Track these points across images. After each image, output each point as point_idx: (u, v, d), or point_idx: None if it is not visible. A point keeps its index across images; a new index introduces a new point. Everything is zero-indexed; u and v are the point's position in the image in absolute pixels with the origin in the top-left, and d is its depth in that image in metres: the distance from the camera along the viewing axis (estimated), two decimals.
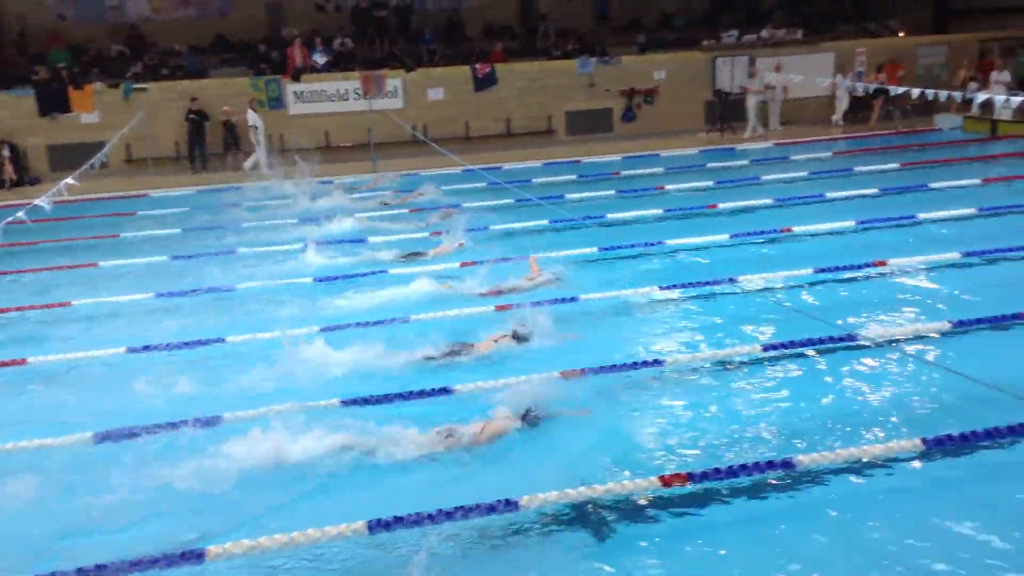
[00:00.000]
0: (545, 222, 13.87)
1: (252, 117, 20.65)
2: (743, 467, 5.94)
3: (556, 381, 7.20)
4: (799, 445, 6.33)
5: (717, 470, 5.91)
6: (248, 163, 20.62)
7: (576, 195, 16.35)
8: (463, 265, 11.34)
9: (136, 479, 6.20)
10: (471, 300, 9.92)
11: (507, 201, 15.53)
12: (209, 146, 21.40)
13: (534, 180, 18.14)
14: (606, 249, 12.00)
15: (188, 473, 6.19)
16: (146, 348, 8.91)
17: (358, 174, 19.54)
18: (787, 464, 5.98)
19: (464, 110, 23.16)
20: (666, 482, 5.78)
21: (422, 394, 7.31)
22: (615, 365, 7.84)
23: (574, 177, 18.33)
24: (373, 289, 10.56)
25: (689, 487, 5.81)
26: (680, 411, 7.13)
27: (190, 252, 13.20)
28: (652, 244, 12.15)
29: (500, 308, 9.37)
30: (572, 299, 9.89)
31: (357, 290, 10.65)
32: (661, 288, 10.03)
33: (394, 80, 22.64)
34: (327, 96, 22.36)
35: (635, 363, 7.88)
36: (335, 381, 7.73)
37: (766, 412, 7.01)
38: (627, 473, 6.06)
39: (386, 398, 7.30)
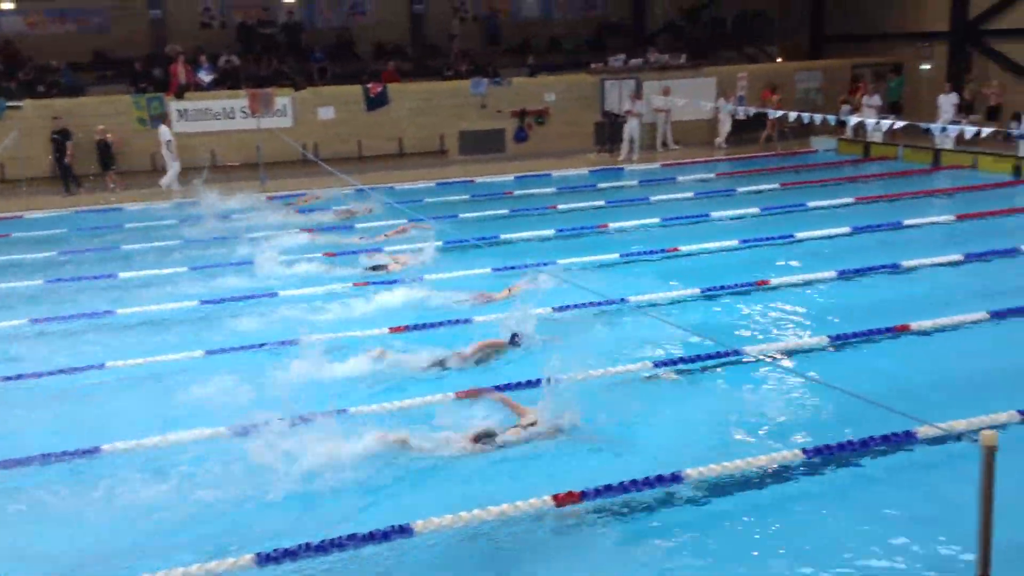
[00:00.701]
0: (439, 243, 13.84)
1: (165, 132, 20.15)
2: (634, 482, 6.03)
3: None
4: (688, 458, 6.46)
5: (609, 487, 5.97)
6: (164, 180, 20.02)
7: (470, 215, 16.40)
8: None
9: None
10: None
11: (400, 221, 15.44)
12: (78, 166, 20.36)
13: (427, 200, 18.12)
14: (499, 270, 12.05)
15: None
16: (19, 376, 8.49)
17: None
18: (676, 478, 6.10)
19: (356, 129, 22.96)
20: (560, 501, 5.80)
21: None
22: (511, 384, 7.87)
23: (467, 197, 18.38)
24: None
25: (583, 504, 5.86)
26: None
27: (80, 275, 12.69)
28: (545, 264, 12.26)
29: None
30: (467, 320, 9.90)
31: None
32: (555, 309, 10.12)
33: (283, 98, 22.28)
34: (213, 114, 21.82)
35: (529, 381, 7.92)
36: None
37: (657, 428, 7.15)
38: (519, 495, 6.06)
39: None
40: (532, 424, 6.84)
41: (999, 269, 11.50)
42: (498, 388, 7.69)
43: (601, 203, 17.08)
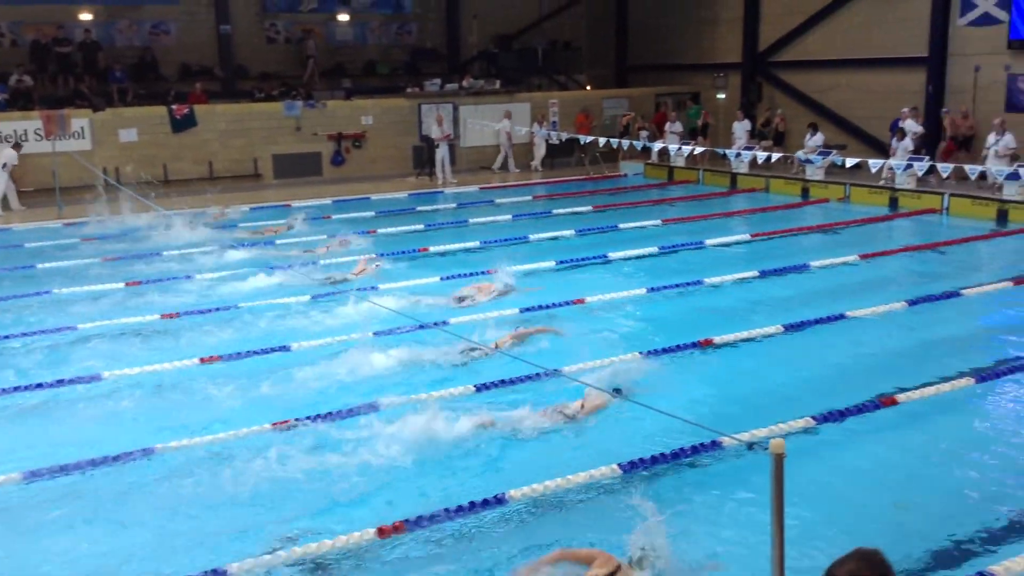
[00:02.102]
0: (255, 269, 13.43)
1: (9, 155, 18.63)
2: (460, 509, 6.04)
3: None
4: (511, 480, 6.54)
5: (433, 516, 5.95)
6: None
7: (285, 240, 16.00)
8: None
9: None
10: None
11: (210, 248, 14.87)
12: None
13: (241, 225, 17.55)
14: (318, 298, 11.81)
15: None
16: None
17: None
18: (500, 500, 6.16)
19: (161, 152, 21.95)
20: (383, 532, 5.73)
21: None
22: (332, 412, 7.73)
23: (283, 221, 17.92)
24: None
25: (407, 535, 5.80)
26: (396, 456, 7.12)
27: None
28: (365, 289, 12.14)
29: None
30: (283, 348, 9.63)
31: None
32: (375, 334, 10.01)
33: (80, 120, 21.01)
34: (2, 136, 20.28)
35: (351, 409, 7.81)
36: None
37: (476, 451, 7.19)
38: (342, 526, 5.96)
39: None
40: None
41: (791, 284, 12.36)
42: None
43: (420, 226, 17.12)
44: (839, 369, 8.88)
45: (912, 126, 19.46)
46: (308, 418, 7.58)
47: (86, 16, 24.65)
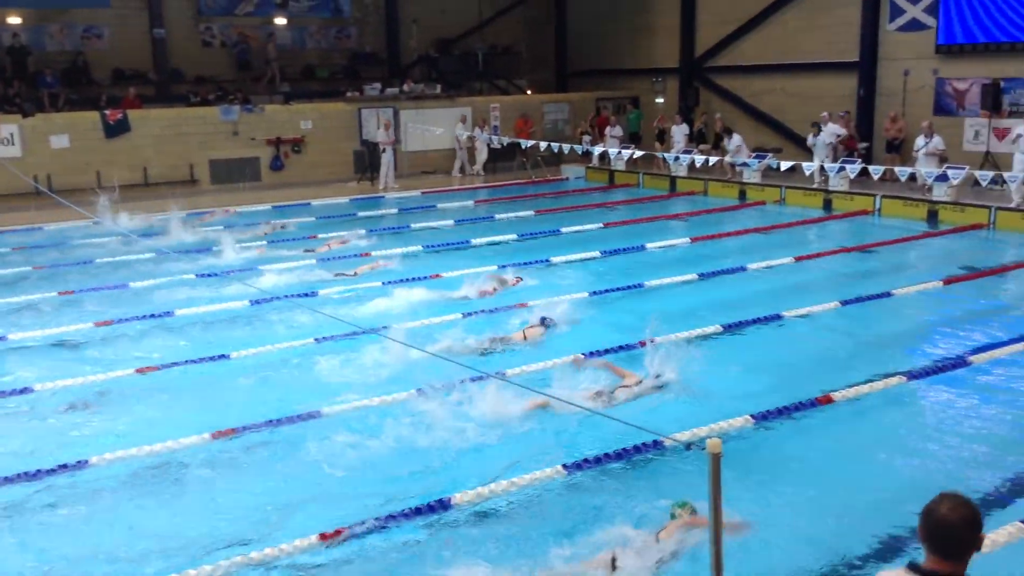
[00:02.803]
0: (191, 276, 13.20)
1: None
2: (405, 513, 6.02)
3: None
4: (455, 482, 6.54)
5: (377, 520, 5.92)
6: None
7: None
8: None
9: None
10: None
11: (145, 256, 14.59)
12: None
13: (176, 232, 17.20)
14: (257, 303, 11.67)
15: None
16: None
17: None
18: (443, 504, 6.15)
19: (94, 158, 21.46)
20: (325, 539, 5.68)
21: None
22: (271, 420, 7.65)
23: (221, 228, 17.66)
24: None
25: (350, 542, 5.76)
26: (337, 465, 7.08)
27: None
28: (306, 295, 12.03)
29: None
30: (222, 356, 9.49)
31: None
32: (316, 340, 9.92)
33: (9, 126, 20.45)
34: None
35: (291, 417, 7.74)
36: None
37: (414, 455, 7.17)
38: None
39: None
40: (638, 383, 8.22)
41: (729, 285, 12.56)
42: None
43: (362, 232, 16.99)
44: (776, 368, 9.04)
45: (834, 129, 19.93)
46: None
47: (15, 20, 23.98)
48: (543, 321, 10.20)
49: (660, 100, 27.26)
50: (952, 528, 2.80)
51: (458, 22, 30.19)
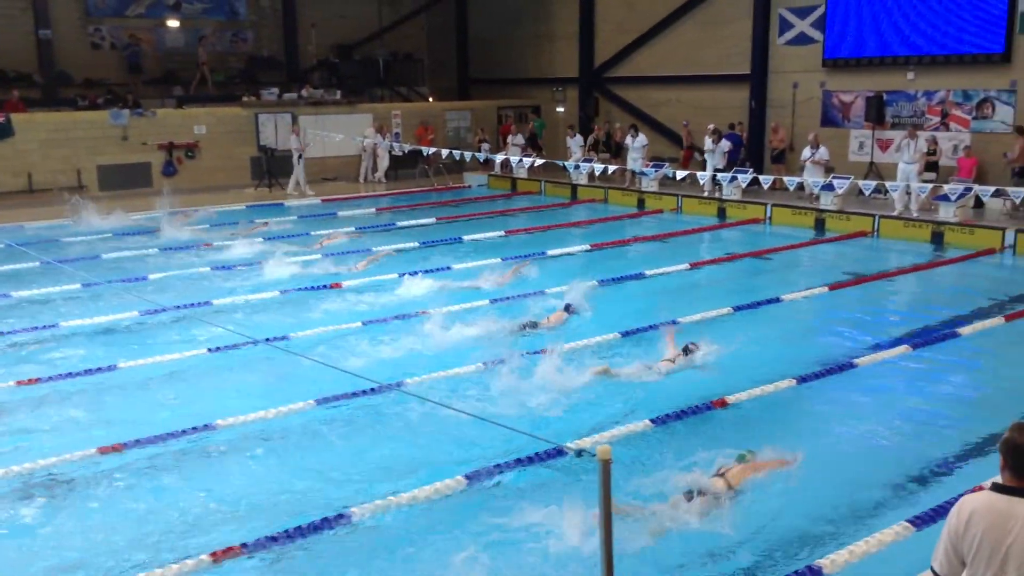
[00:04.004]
0: (76, 286, 12.69)
1: None
2: (301, 529, 5.90)
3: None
4: (353, 495, 6.45)
5: (273, 538, 5.79)
6: None
7: (114, 255, 15.22)
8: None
9: None
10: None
11: (31, 265, 13.95)
12: None
13: (65, 240, 16.57)
14: (149, 313, 11.30)
15: None
16: None
17: None
18: (342, 516, 6.06)
19: None
20: (216, 558, 5.52)
21: None
22: (165, 435, 7.40)
23: (109, 235, 17.05)
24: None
25: (245, 558, 5.62)
26: (235, 477, 6.91)
27: None
28: (202, 304, 11.71)
29: None
30: (110, 368, 9.15)
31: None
32: (210, 351, 9.68)
33: None
34: None
35: (190, 429, 7.52)
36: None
37: (328, 464, 7.06)
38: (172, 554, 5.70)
39: None
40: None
41: (627, 292, 12.76)
42: None
43: (259, 240, 16.64)
44: (668, 377, 9.17)
45: (723, 141, 20.59)
46: None
47: None
48: (567, 308, 11.06)
49: (561, 109, 27.59)
50: None
51: (359, 27, 29.95)
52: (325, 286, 12.82)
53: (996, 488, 3.40)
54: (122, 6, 26.38)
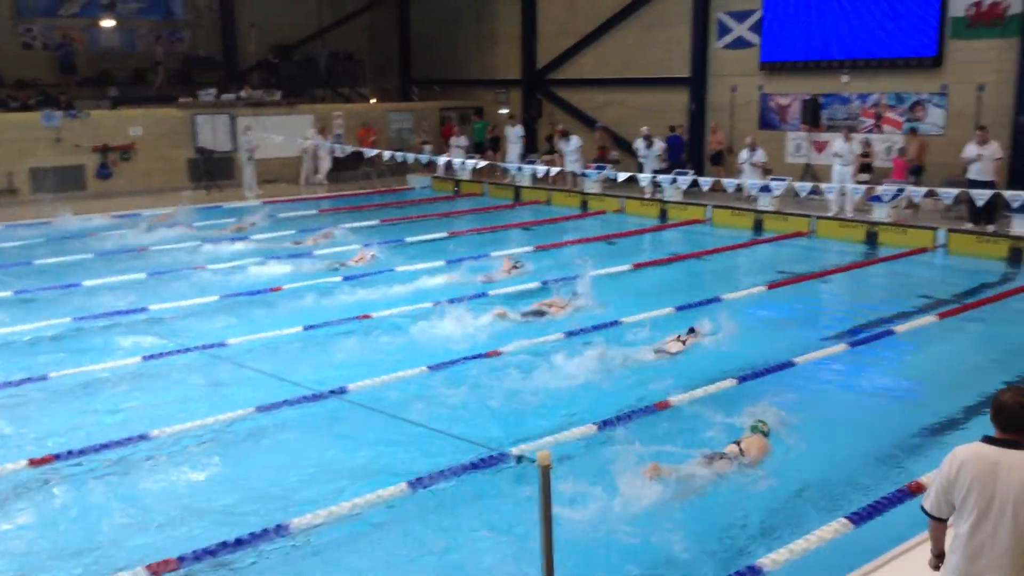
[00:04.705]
0: (8, 293, 12.33)
1: None
2: (240, 541, 5.80)
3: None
4: (291, 508, 6.37)
5: (211, 550, 5.68)
6: None
7: (47, 260, 14.82)
8: None
9: None
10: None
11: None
12: None
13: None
14: (82, 319, 11.02)
15: None
16: None
17: None
18: (281, 528, 5.96)
19: None
20: (153, 571, 5.40)
21: None
22: (98, 445, 7.22)
23: (44, 240, 16.61)
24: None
25: (181, 571, 5.51)
26: (171, 488, 6.77)
27: None
28: (132, 311, 11.45)
29: None
30: (42, 378, 8.90)
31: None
32: (145, 359, 9.47)
33: None
34: None
35: (124, 439, 7.35)
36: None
37: (267, 474, 6.95)
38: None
39: None
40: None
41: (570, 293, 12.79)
42: None
43: (198, 243, 16.35)
44: (615, 375, 9.25)
45: (656, 141, 20.84)
46: None
47: None
48: (574, 295, 11.72)
49: (504, 111, 27.59)
50: (1012, 408, 3.80)
51: (299, 27, 29.60)
52: (266, 291, 12.65)
53: (986, 440, 3.85)
54: (54, 5, 25.70)
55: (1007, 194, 14.68)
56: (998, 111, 17.51)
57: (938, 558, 4.13)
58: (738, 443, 7.13)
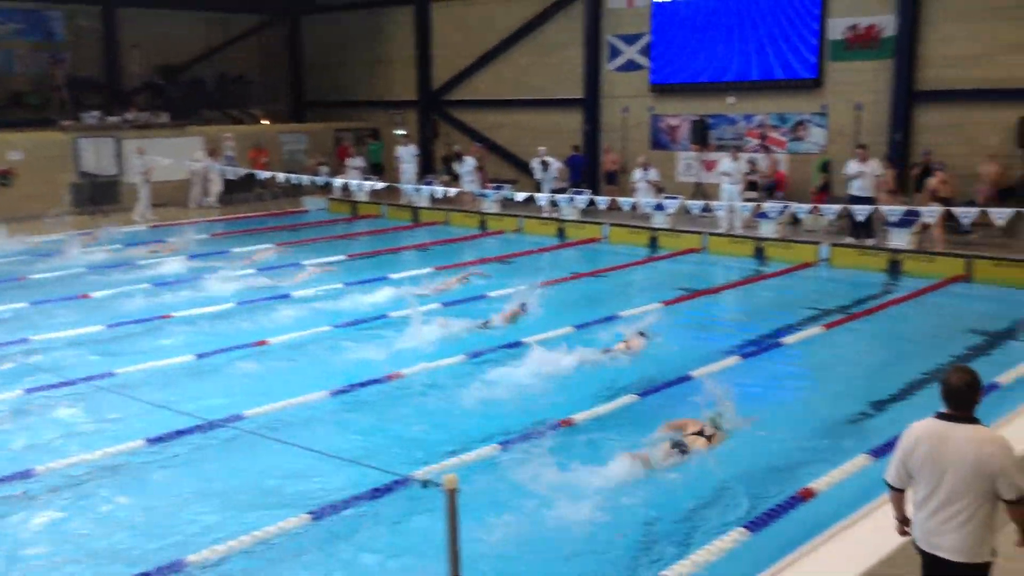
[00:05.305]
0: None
1: None
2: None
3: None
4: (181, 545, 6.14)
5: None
6: None
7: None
8: None
9: None
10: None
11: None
12: None
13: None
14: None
15: None
16: None
17: None
18: (177, 565, 5.75)
19: None
20: None
21: None
22: None
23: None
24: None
25: None
26: (59, 526, 6.44)
27: None
28: (14, 343, 10.89)
29: None
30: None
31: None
32: (27, 391, 9.01)
33: None
34: None
35: (5, 476, 6.98)
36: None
37: (159, 508, 6.69)
38: None
39: None
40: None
41: (472, 314, 12.73)
42: None
43: (82, 270, 15.70)
44: (518, 395, 9.25)
45: (552, 162, 21.16)
46: None
47: None
48: (522, 307, 12.03)
49: (401, 132, 27.50)
50: (957, 388, 4.27)
51: (186, 48, 28.90)
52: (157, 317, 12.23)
53: (938, 416, 4.34)
54: None
55: (884, 209, 15.41)
56: (875, 129, 18.41)
57: (902, 522, 4.63)
58: (701, 432, 7.72)
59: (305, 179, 20.33)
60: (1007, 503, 4.19)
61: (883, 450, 7.43)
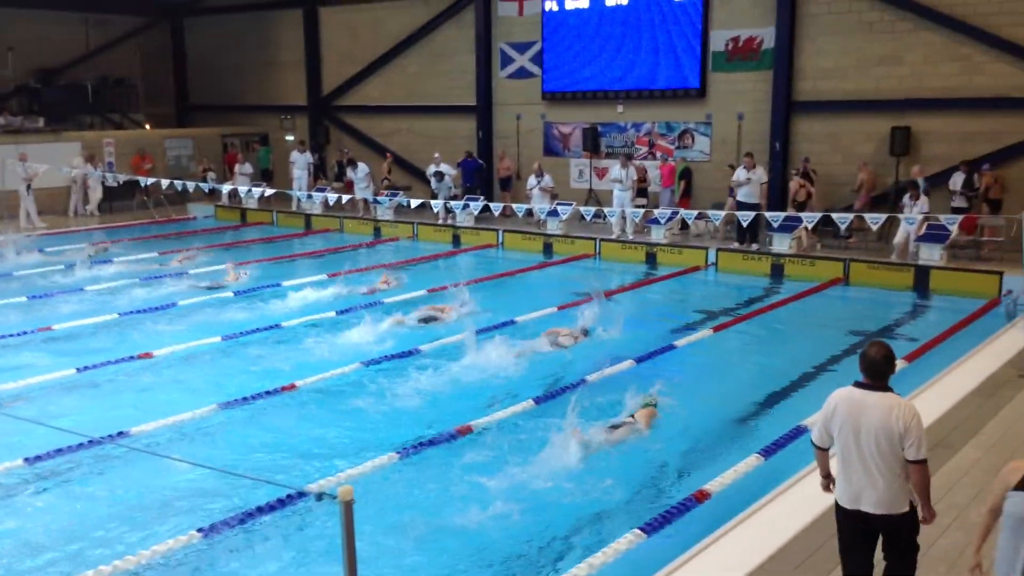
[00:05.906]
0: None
1: None
2: None
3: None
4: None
5: None
6: None
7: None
8: None
9: None
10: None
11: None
12: None
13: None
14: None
15: None
16: None
17: None
18: None
19: None
20: None
21: None
22: None
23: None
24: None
25: None
26: None
27: None
28: None
29: None
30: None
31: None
32: None
33: None
34: None
35: None
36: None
37: (40, 532, 6.37)
38: None
39: None
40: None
41: (371, 319, 12.61)
42: None
43: None
44: (425, 402, 9.20)
45: (447, 169, 21.19)
46: None
47: None
48: (461, 305, 12.51)
49: (290, 137, 27.03)
50: (874, 359, 4.67)
51: (63, 51, 27.71)
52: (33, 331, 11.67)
53: (856, 384, 4.73)
54: None
55: (768, 215, 15.98)
56: (756, 138, 19.07)
57: (826, 478, 5.04)
58: (635, 416, 8.36)
59: (191, 185, 19.73)
60: (910, 463, 4.56)
61: (772, 449, 7.72)
